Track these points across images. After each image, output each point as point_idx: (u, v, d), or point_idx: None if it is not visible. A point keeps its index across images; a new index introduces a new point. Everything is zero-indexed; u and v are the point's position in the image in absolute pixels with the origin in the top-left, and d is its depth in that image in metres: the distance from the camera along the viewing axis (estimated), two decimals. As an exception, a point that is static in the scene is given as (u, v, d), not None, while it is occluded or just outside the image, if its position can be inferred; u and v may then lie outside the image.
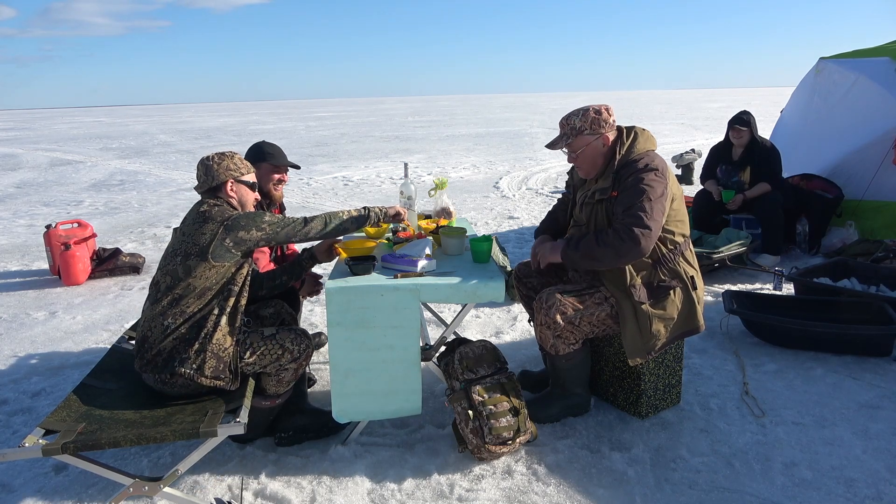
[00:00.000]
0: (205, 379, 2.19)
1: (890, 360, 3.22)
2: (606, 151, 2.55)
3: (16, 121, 52.91)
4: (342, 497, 2.28)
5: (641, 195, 2.37)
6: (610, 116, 2.54)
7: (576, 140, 2.55)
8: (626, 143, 2.53)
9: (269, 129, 27.86)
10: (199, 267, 2.22)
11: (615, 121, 2.57)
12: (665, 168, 2.49)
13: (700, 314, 2.59)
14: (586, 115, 2.53)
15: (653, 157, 2.49)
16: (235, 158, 2.45)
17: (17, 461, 2.51)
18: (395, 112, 44.76)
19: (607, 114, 2.54)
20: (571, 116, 2.56)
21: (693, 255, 2.64)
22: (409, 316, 2.35)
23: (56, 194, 10.24)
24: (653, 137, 2.61)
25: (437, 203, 3.22)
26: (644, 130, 2.59)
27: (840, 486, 2.25)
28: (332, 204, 8.70)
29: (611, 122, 2.54)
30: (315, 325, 4.04)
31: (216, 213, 2.29)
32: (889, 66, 5.41)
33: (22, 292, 4.96)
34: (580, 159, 2.58)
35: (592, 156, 2.55)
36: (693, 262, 2.62)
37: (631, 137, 2.55)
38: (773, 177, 4.88)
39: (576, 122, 2.53)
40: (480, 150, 15.39)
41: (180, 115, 54.34)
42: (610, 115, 2.55)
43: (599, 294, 2.52)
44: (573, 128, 2.54)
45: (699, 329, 2.60)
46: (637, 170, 2.43)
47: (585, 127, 2.52)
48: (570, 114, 2.57)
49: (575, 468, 2.40)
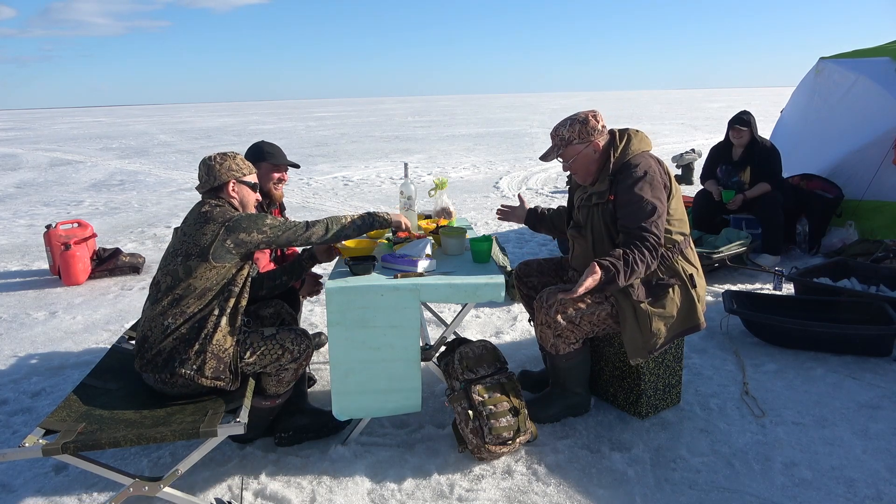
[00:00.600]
0: (205, 379, 2.19)
1: (890, 360, 3.22)
2: (599, 157, 2.56)
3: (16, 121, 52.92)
4: (342, 497, 2.28)
5: (654, 211, 2.38)
6: (598, 122, 2.55)
7: (566, 150, 2.58)
8: (619, 147, 2.54)
9: (269, 129, 27.86)
10: (200, 267, 2.22)
11: (604, 126, 2.58)
12: (661, 169, 2.51)
13: (700, 312, 2.59)
14: (573, 124, 2.54)
15: (648, 160, 2.50)
16: (238, 159, 2.45)
17: (17, 461, 2.51)
18: (395, 112, 44.77)
19: (594, 120, 2.54)
20: (559, 128, 2.58)
21: (694, 254, 2.64)
22: (409, 316, 2.35)
23: (56, 194, 10.25)
24: (647, 138, 2.62)
25: (437, 203, 3.22)
26: (638, 132, 2.60)
27: (840, 486, 2.26)
28: (332, 204, 8.70)
29: (599, 128, 2.54)
30: (315, 325, 4.04)
31: (218, 213, 2.29)
32: (889, 66, 5.41)
33: (22, 292, 4.96)
34: (574, 168, 2.61)
35: (585, 163, 2.58)
36: (693, 260, 2.62)
37: (624, 140, 2.56)
38: (773, 177, 4.88)
39: (564, 133, 2.56)
40: (480, 150, 15.40)
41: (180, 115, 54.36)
42: (598, 121, 2.55)
43: (600, 293, 2.52)
44: (562, 139, 2.57)
45: (700, 327, 2.60)
46: (637, 177, 2.43)
47: (574, 137, 2.54)
48: (559, 125, 2.59)
49: (575, 468, 2.40)
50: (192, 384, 2.20)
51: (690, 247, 2.63)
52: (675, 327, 2.53)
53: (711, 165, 5.19)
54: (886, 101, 5.17)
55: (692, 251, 2.64)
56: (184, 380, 2.18)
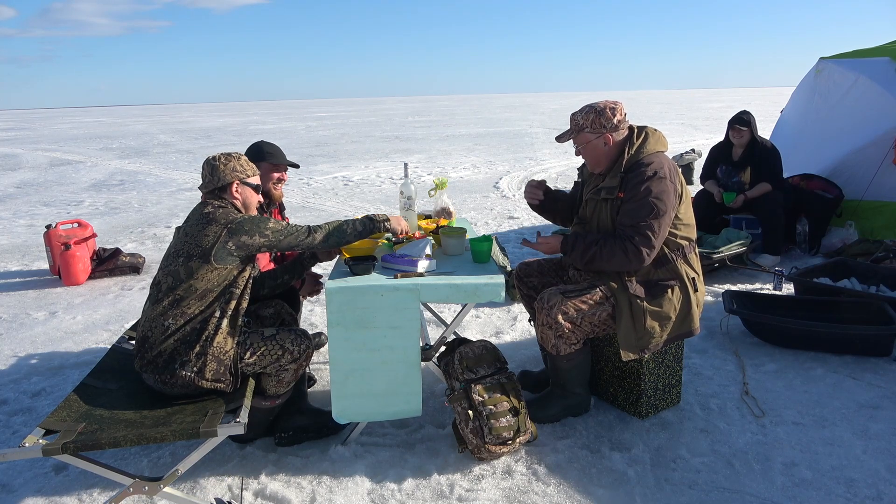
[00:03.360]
0: (205, 382, 2.19)
1: (890, 360, 3.22)
2: (610, 150, 2.55)
3: (16, 121, 52.91)
4: (342, 497, 2.28)
5: (651, 211, 2.39)
6: (614, 116, 2.53)
7: (578, 136, 2.60)
8: (635, 144, 2.53)
9: (269, 129, 27.86)
10: (201, 269, 2.21)
11: (621, 121, 2.55)
12: (674, 172, 2.50)
13: (697, 317, 2.60)
14: (589, 113, 2.55)
15: (661, 162, 2.49)
16: (241, 160, 2.44)
17: (17, 461, 2.51)
18: (395, 112, 44.76)
19: (610, 113, 2.53)
20: (577, 113, 2.60)
21: (697, 259, 2.64)
22: (409, 316, 2.35)
23: (56, 194, 10.25)
24: (664, 139, 2.61)
25: (437, 203, 3.22)
26: (656, 131, 2.59)
27: (840, 486, 2.26)
28: (332, 204, 8.70)
29: (615, 122, 2.53)
30: (315, 325, 4.04)
31: (220, 215, 2.29)
32: (889, 66, 5.41)
33: (22, 292, 4.96)
34: (584, 154, 2.63)
35: (594, 153, 2.58)
36: (696, 266, 2.63)
37: (641, 138, 2.55)
38: (773, 177, 4.88)
39: (579, 119, 2.58)
40: (480, 150, 15.39)
41: (180, 115, 54.35)
42: (614, 115, 2.54)
43: (601, 294, 2.52)
44: (576, 123, 2.59)
45: (694, 332, 2.60)
46: (646, 176, 2.43)
47: (587, 125, 2.55)
48: (578, 110, 2.61)
49: (575, 468, 2.40)
50: (192, 385, 2.20)
51: (695, 252, 2.63)
52: (670, 329, 2.53)
53: (711, 165, 5.19)
54: (886, 101, 5.17)
55: (696, 256, 2.64)
56: (184, 381, 2.18)
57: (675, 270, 2.53)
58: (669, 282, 2.51)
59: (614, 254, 2.43)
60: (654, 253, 2.44)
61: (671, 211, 2.44)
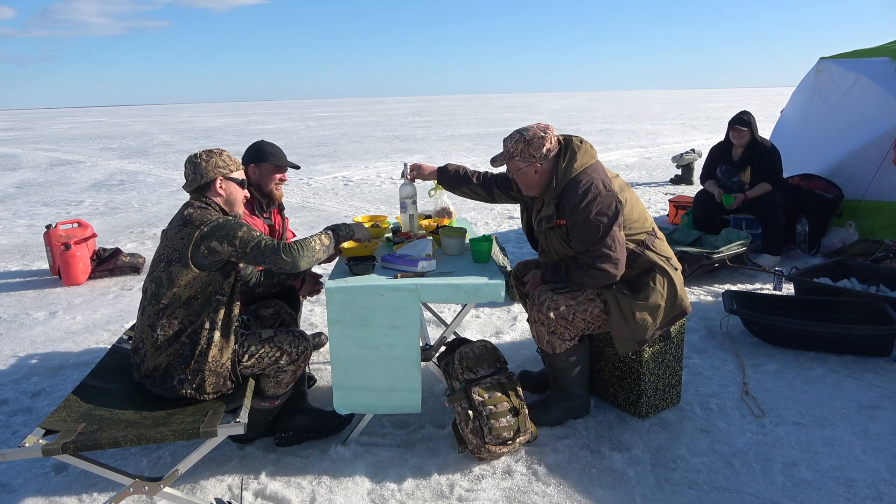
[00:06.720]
0: (207, 395, 2.21)
1: (890, 360, 3.22)
2: (541, 177, 2.53)
3: (16, 121, 52.91)
4: (342, 497, 2.28)
5: (598, 230, 2.38)
6: (542, 146, 2.47)
7: (509, 163, 2.58)
8: (562, 164, 2.48)
9: (269, 129, 27.86)
10: (181, 273, 2.16)
11: (550, 149, 2.49)
12: (607, 180, 2.47)
13: (685, 297, 2.61)
14: (518, 142, 2.50)
15: (591, 176, 2.44)
16: (224, 156, 2.39)
17: (17, 461, 2.51)
18: (395, 112, 44.76)
19: (539, 143, 2.47)
20: (508, 139, 2.55)
21: (663, 244, 2.62)
22: (409, 316, 2.35)
23: (56, 194, 10.24)
24: (591, 149, 2.55)
25: (437, 203, 3.22)
26: (582, 143, 2.53)
27: (840, 486, 2.26)
28: (332, 204, 8.70)
29: (543, 152, 2.48)
30: (315, 325, 4.04)
31: (197, 216, 2.23)
32: (889, 66, 5.41)
33: (22, 292, 4.96)
34: (516, 179, 2.61)
35: (525, 180, 2.57)
36: (663, 250, 2.60)
37: (568, 157, 2.49)
38: (773, 177, 4.88)
39: (509, 147, 2.54)
40: (480, 150, 15.39)
41: (180, 115, 54.36)
42: (543, 144, 2.47)
43: (591, 291, 2.53)
44: (507, 151, 2.55)
45: (686, 311, 2.60)
46: (580, 199, 2.39)
47: (516, 154, 2.52)
48: (510, 135, 2.56)
49: (575, 468, 2.40)
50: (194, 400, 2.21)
51: (658, 237, 2.61)
52: (662, 316, 2.53)
53: (711, 165, 5.19)
54: (886, 101, 5.17)
55: (661, 241, 2.62)
56: (184, 396, 2.19)
57: (647, 261, 2.54)
58: (647, 273, 2.52)
59: (586, 279, 2.47)
60: (621, 262, 2.43)
61: (619, 217, 2.41)
